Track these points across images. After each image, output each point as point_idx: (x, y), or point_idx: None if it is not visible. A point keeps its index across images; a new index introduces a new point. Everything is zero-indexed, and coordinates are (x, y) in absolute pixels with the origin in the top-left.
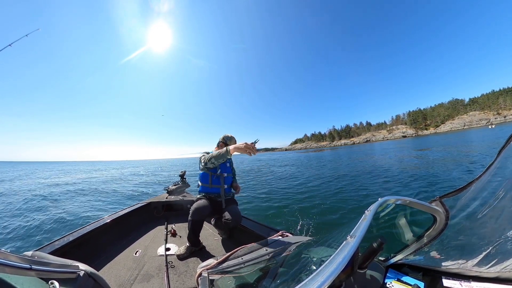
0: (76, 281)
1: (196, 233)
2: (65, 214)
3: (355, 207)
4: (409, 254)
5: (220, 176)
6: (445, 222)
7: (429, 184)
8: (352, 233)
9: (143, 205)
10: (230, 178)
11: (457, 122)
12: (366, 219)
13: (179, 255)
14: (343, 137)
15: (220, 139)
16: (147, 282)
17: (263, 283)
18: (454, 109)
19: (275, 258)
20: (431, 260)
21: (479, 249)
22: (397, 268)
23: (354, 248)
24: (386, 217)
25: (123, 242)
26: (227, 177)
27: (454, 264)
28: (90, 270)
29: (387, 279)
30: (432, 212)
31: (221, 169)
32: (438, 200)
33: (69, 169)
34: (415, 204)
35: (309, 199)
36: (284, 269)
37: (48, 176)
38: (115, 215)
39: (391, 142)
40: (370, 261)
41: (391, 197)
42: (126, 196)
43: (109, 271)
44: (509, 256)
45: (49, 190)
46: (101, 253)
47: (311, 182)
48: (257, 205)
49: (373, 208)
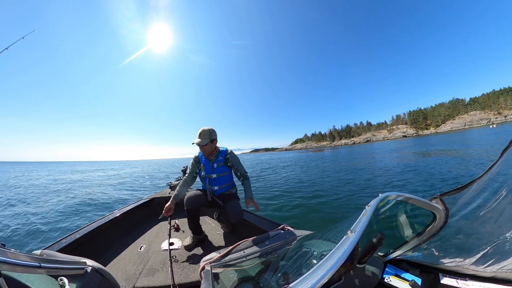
0: (84, 277)
1: (195, 220)
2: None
3: (355, 202)
4: (408, 250)
5: (206, 178)
6: (444, 220)
7: (429, 182)
8: (353, 228)
9: (146, 201)
10: (222, 178)
11: (457, 121)
12: (367, 215)
13: (186, 246)
14: (344, 137)
15: (214, 135)
16: (152, 276)
17: (265, 276)
18: (454, 109)
19: (276, 251)
20: (429, 257)
21: (477, 248)
22: (396, 263)
23: (354, 243)
24: (386, 213)
25: (128, 238)
26: (217, 178)
27: (452, 262)
28: (97, 266)
29: (385, 274)
30: (432, 210)
31: (205, 172)
32: (438, 198)
33: (64, 170)
34: (416, 201)
35: (311, 195)
36: (285, 263)
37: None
38: (120, 211)
39: (391, 142)
40: (369, 256)
41: (391, 193)
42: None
43: (115, 266)
44: (507, 257)
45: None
46: (107, 249)
47: (313, 179)
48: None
49: (373, 203)
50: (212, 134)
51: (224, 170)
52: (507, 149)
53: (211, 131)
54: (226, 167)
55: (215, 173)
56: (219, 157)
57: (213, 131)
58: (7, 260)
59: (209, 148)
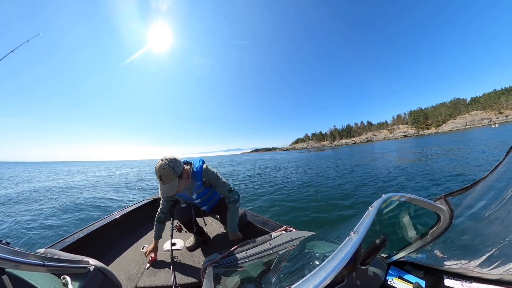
0: (87, 276)
1: (192, 227)
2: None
3: (358, 203)
4: (411, 252)
5: (191, 204)
6: (449, 221)
7: (432, 182)
8: (355, 229)
9: (149, 201)
10: (209, 198)
11: (458, 121)
12: (370, 216)
13: (189, 247)
14: (344, 137)
15: (178, 168)
16: (154, 276)
17: (267, 277)
18: (455, 109)
19: (278, 252)
20: (433, 259)
21: (483, 250)
22: (399, 265)
23: (357, 244)
24: (389, 213)
25: (130, 238)
26: (202, 201)
27: (456, 264)
28: (100, 265)
29: (388, 276)
30: (436, 211)
31: (184, 199)
32: (443, 199)
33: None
34: (419, 201)
35: (313, 195)
36: (288, 264)
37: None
38: (123, 211)
39: (392, 142)
40: (372, 258)
41: (395, 194)
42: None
43: (117, 265)
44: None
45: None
46: (110, 249)
47: (314, 180)
48: (262, 201)
49: (376, 204)
50: (176, 168)
51: (207, 192)
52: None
53: (172, 165)
54: (209, 188)
55: (198, 199)
56: (196, 183)
57: (174, 161)
58: (11, 258)
59: (181, 187)
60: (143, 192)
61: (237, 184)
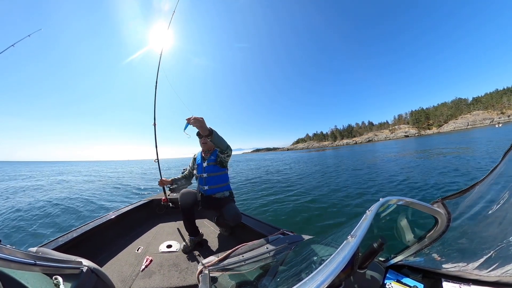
0: (79, 277)
1: (190, 219)
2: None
3: (356, 206)
4: (409, 255)
5: (198, 177)
6: (446, 224)
7: (430, 185)
8: (353, 233)
9: (145, 202)
10: (215, 178)
11: (460, 121)
12: (367, 219)
13: (184, 249)
14: (345, 137)
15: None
16: (149, 278)
17: (263, 281)
18: (457, 109)
19: (275, 256)
20: (431, 262)
21: (480, 252)
22: (397, 269)
23: (355, 248)
24: (387, 217)
25: (125, 239)
26: (208, 177)
27: (454, 266)
28: (93, 266)
29: (386, 279)
30: (433, 214)
31: (197, 171)
32: (440, 202)
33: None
34: (417, 205)
35: (311, 198)
36: (285, 268)
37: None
38: (118, 212)
39: (393, 142)
40: (370, 261)
41: (392, 198)
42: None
43: (111, 267)
44: (511, 261)
45: None
46: (104, 250)
47: (313, 182)
48: (259, 204)
49: (374, 208)
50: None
51: (215, 170)
52: (509, 151)
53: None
54: (219, 167)
55: (206, 173)
56: (211, 156)
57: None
58: (2, 256)
59: (210, 145)
60: (140, 192)
61: (237, 184)
